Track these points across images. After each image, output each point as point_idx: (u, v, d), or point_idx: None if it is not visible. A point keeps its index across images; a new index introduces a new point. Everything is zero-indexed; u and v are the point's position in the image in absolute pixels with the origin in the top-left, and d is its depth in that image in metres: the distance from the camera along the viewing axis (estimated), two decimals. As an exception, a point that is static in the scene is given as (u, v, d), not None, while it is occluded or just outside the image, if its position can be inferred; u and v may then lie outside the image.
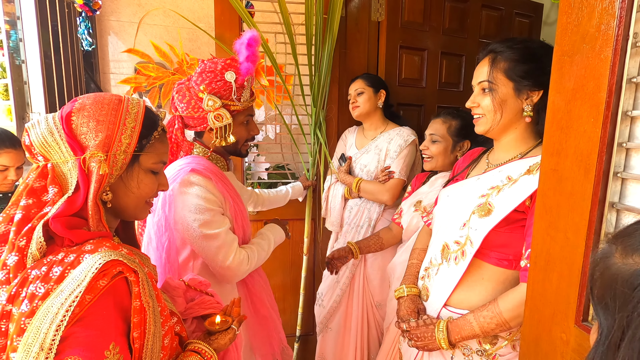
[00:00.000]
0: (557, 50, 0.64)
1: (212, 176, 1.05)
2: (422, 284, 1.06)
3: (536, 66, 0.87)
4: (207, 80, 1.03)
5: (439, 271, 0.99)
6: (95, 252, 0.59)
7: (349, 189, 1.74)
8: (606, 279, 0.40)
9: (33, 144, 0.64)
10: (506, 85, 0.89)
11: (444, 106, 2.14)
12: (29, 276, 0.57)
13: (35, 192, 0.63)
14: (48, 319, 0.52)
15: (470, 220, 0.92)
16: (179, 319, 0.78)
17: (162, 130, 0.74)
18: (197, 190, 1.01)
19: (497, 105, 0.90)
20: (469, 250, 0.91)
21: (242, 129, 1.12)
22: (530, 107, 0.88)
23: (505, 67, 0.89)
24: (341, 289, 1.74)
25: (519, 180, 0.86)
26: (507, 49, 0.89)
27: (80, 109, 0.65)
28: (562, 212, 0.64)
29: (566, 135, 0.63)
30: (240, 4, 1.42)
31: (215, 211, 1.02)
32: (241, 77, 1.04)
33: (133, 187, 0.70)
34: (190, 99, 1.04)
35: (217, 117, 1.04)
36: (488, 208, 0.88)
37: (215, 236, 1.01)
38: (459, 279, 0.93)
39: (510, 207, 0.84)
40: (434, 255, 1.03)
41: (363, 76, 1.75)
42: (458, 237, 0.95)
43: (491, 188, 0.91)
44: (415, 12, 1.96)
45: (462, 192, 1.00)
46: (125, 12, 2.25)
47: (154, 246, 1.05)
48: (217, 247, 1.01)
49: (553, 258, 0.66)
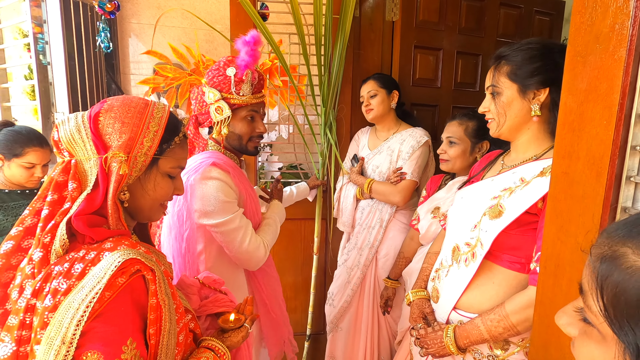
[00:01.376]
0: (570, 50, 0.63)
1: (230, 170, 1.09)
2: (432, 286, 1.06)
3: (540, 65, 0.86)
4: (210, 75, 1.10)
5: (449, 273, 0.99)
6: (114, 250, 0.61)
7: (360, 189, 1.74)
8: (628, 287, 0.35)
9: (61, 139, 0.67)
10: (510, 87, 0.90)
11: (459, 107, 2.11)
12: (52, 272, 0.59)
13: (59, 187, 0.66)
14: (69, 314, 0.55)
15: (481, 221, 0.91)
16: (194, 316, 0.80)
17: (184, 136, 0.76)
18: (217, 183, 1.05)
19: (502, 108, 0.91)
20: (479, 252, 0.90)
21: (245, 124, 1.14)
22: (538, 105, 0.87)
23: (508, 70, 0.90)
24: (352, 289, 1.75)
25: (531, 182, 0.85)
26: (509, 52, 0.90)
27: (108, 110, 0.68)
28: (573, 216, 0.62)
29: (578, 137, 0.61)
30: (251, 7, 1.44)
31: (231, 202, 1.07)
32: (240, 71, 1.07)
33: (149, 189, 0.72)
34: (198, 95, 1.11)
35: (217, 109, 1.08)
36: (499, 210, 0.87)
37: (230, 221, 1.06)
38: (469, 281, 0.92)
39: (521, 209, 0.83)
40: (444, 257, 1.03)
41: (375, 77, 1.73)
42: (469, 238, 0.94)
43: (504, 190, 0.90)
44: (431, 11, 1.94)
45: (476, 194, 0.99)
46: (145, 15, 2.31)
47: (173, 236, 1.09)
48: (234, 231, 1.06)
49: (563, 263, 0.64)
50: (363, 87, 1.74)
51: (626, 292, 0.35)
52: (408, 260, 1.57)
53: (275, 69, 1.97)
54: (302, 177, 2.04)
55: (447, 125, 1.47)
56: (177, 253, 1.08)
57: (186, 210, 1.06)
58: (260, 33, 1.09)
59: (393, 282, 1.63)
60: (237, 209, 1.09)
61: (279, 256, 2.05)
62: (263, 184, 2.18)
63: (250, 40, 1.05)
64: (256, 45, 1.06)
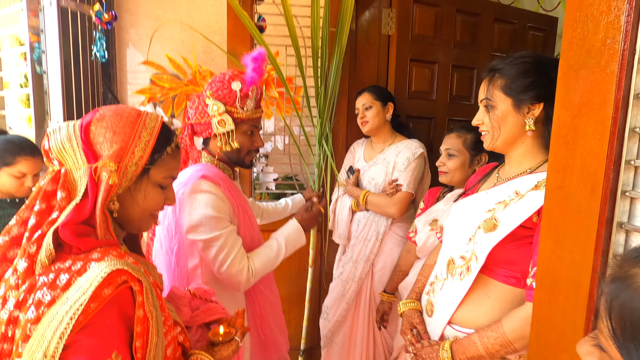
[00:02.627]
0: (562, 64, 0.63)
1: (221, 183, 1.08)
2: (426, 299, 1.04)
3: (534, 80, 0.86)
4: (214, 88, 1.09)
5: (444, 286, 0.97)
6: (101, 261, 0.60)
7: (356, 201, 1.73)
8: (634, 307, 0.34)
9: (51, 148, 0.66)
10: (504, 101, 0.89)
11: (454, 119, 2.12)
12: (37, 283, 0.58)
13: (47, 196, 0.65)
14: (53, 326, 0.53)
15: (475, 234, 0.90)
16: (183, 328, 0.78)
17: (176, 146, 0.76)
18: (207, 196, 1.03)
19: (496, 121, 0.91)
20: (474, 265, 0.89)
21: (246, 139, 1.14)
22: (532, 120, 0.87)
23: (502, 83, 0.89)
24: (347, 302, 1.72)
25: (525, 196, 0.84)
26: (503, 66, 0.90)
27: (99, 119, 0.67)
28: (568, 231, 0.62)
29: (572, 151, 0.61)
30: (249, 19, 1.45)
31: (220, 218, 1.04)
32: (246, 86, 1.08)
33: (140, 199, 0.71)
34: (198, 105, 1.10)
35: (220, 122, 1.08)
36: (494, 223, 0.87)
37: (215, 238, 1.03)
38: (464, 295, 0.91)
39: (516, 223, 0.82)
40: (439, 270, 1.01)
41: (369, 89, 1.74)
42: (464, 251, 0.93)
43: (498, 203, 0.89)
44: (426, 25, 1.97)
45: (470, 206, 0.98)
46: (144, 25, 2.32)
47: (164, 251, 1.07)
48: (217, 249, 1.03)
49: (560, 279, 0.63)
50: (358, 99, 1.74)
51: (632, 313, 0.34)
52: (404, 273, 1.55)
53: (271, 80, 1.98)
54: (298, 189, 2.02)
55: (445, 138, 1.47)
56: (168, 268, 1.06)
57: (175, 225, 1.05)
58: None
59: (389, 296, 1.61)
60: (226, 225, 1.06)
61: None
62: (258, 195, 2.16)
63: (258, 57, 1.05)
64: (263, 62, 1.07)
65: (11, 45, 2.00)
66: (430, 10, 1.96)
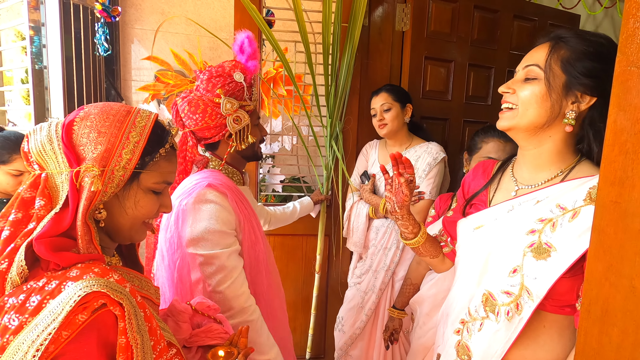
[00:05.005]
0: (620, 60, 0.54)
1: (228, 192, 0.99)
2: (456, 341, 0.88)
3: (600, 67, 0.70)
4: (219, 85, 0.98)
5: (484, 327, 0.81)
6: (79, 280, 0.52)
7: (373, 208, 1.63)
8: None
9: (30, 150, 0.59)
10: (558, 77, 0.73)
11: (470, 121, 2.02)
12: (5, 305, 0.51)
13: (25, 204, 0.58)
14: (16, 359, 0.46)
15: (523, 265, 0.74)
16: (179, 350, 0.70)
17: (171, 147, 0.68)
18: (212, 208, 0.95)
19: (533, 97, 0.74)
20: (527, 303, 0.74)
21: (256, 130, 1.09)
22: (575, 113, 0.72)
23: (566, 56, 0.72)
24: (366, 314, 1.63)
25: (581, 212, 0.69)
26: (574, 37, 0.73)
27: (83, 118, 0.60)
28: (626, 254, 0.52)
29: (632, 161, 0.52)
30: (257, 12, 1.38)
31: (225, 233, 0.96)
32: (248, 75, 1.01)
33: (129, 207, 0.63)
34: (206, 107, 0.98)
35: (236, 119, 1.00)
36: (546, 249, 0.71)
37: (216, 256, 0.94)
38: (516, 337, 0.76)
39: (581, 249, 0.68)
40: (473, 308, 0.84)
41: (387, 89, 1.62)
42: (508, 286, 0.76)
43: (540, 221, 0.74)
44: (442, 22, 1.87)
45: (498, 226, 0.82)
46: (149, 21, 2.26)
47: (166, 264, 0.99)
48: (216, 268, 0.94)
49: (613, 309, 0.54)
50: (375, 99, 1.63)
51: None
52: (416, 287, 1.45)
53: (280, 77, 1.90)
54: (305, 191, 1.94)
55: (484, 143, 1.30)
56: (170, 282, 0.98)
57: (177, 237, 0.96)
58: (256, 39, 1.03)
59: (399, 312, 1.50)
60: (230, 242, 0.97)
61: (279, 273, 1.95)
62: (264, 196, 2.09)
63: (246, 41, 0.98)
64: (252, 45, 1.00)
65: (12, 40, 1.95)
66: (447, 6, 1.86)
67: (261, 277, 1.07)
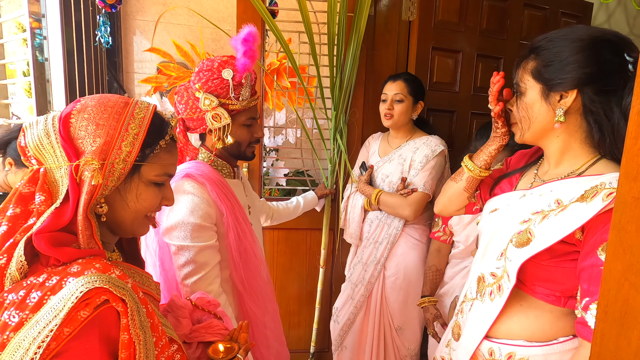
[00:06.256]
0: (645, 48, 0.51)
1: (206, 182, 0.98)
2: (454, 321, 0.94)
3: (573, 62, 0.71)
4: (203, 79, 0.97)
5: (473, 307, 0.87)
6: (80, 275, 0.52)
7: (368, 200, 1.62)
8: None
9: (27, 145, 0.58)
10: (533, 87, 0.77)
11: (478, 113, 1.98)
12: (5, 301, 0.50)
13: (24, 199, 0.57)
14: (18, 355, 0.45)
15: (507, 249, 0.79)
16: (180, 346, 0.70)
17: (171, 139, 0.66)
18: (187, 199, 0.95)
19: (524, 110, 0.79)
20: (505, 285, 0.79)
21: (244, 131, 1.05)
22: (563, 110, 0.74)
23: (533, 66, 0.76)
24: (355, 306, 1.64)
25: (568, 208, 0.71)
26: (543, 43, 0.76)
27: (81, 110, 0.59)
28: (648, 253, 0.50)
29: (656, 156, 0.49)
30: (260, 2, 1.34)
31: (199, 225, 0.95)
32: (239, 74, 0.97)
33: (130, 200, 0.63)
34: (188, 99, 0.99)
35: (214, 117, 0.97)
36: (527, 237, 0.75)
37: (186, 248, 0.94)
38: (495, 317, 0.81)
39: (553, 239, 0.71)
40: (469, 288, 0.91)
41: (406, 78, 1.53)
42: (495, 268, 0.82)
43: (535, 213, 0.76)
44: (450, 11, 1.82)
45: (506, 214, 0.85)
46: (151, 12, 2.23)
47: (150, 252, 1.01)
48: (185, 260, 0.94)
49: (633, 311, 0.52)
50: (390, 85, 1.54)
51: None
52: (441, 272, 1.44)
53: (283, 69, 1.87)
54: (309, 184, 1.93)
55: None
56: (154, 270, 0.99)
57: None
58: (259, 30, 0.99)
59: (430, 299, 1.44)
60: (206, 237, 0.96)
61: (283, 267, 1.94)
62: (268, 190, 2.08)
63: (248, 38, 0.93)
64: (254, 44, 0.95)
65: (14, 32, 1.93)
66: (455, -6, 1.81)
67: (251, 269, 1.07)
